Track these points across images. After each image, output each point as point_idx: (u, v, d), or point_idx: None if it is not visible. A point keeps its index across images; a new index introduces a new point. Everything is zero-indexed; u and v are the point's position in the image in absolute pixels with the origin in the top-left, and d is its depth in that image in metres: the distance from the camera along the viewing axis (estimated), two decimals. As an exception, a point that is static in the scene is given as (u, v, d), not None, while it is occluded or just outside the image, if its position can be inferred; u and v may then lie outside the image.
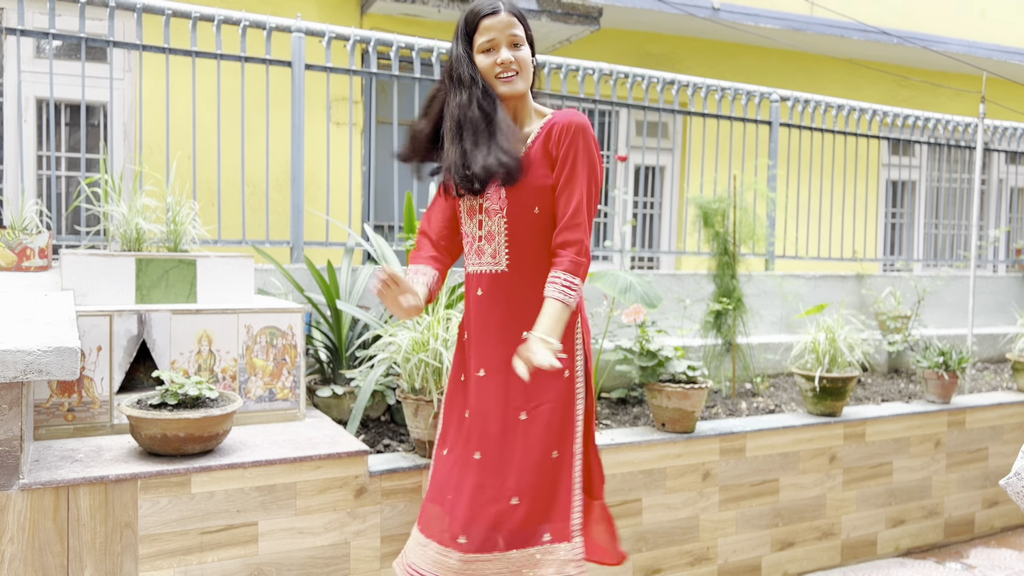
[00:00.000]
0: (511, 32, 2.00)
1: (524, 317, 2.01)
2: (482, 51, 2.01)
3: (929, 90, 7.88)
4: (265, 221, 4.18)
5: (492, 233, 2.04)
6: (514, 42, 2.01)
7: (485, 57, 2.00)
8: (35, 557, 1.94)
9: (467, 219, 2.09)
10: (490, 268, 2.05)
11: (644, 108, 4.68)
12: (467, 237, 2.11)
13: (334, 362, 3.18)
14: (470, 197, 2.05)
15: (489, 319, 2.06)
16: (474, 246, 2.08)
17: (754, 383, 3.97)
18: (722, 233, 3.84)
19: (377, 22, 5.68)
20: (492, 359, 2.04)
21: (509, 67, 1.99)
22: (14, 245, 3.05)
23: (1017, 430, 3.93)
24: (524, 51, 2.03)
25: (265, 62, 3.77)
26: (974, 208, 4.32)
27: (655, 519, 2.90)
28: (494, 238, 2.04)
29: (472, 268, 2.10)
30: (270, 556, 2.23)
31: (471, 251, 2.09)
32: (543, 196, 2.01)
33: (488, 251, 2.05)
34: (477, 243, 2.07)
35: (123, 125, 4.98)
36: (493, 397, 2.03)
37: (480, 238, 2.06)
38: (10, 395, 1.87)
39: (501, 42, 2.00)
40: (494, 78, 2.01)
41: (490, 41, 2.00)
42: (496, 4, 2.00)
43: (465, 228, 2.11)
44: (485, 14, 1.99)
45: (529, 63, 2.04)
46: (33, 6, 4.48)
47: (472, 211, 2.06)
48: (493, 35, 1.99)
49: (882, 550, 3.52)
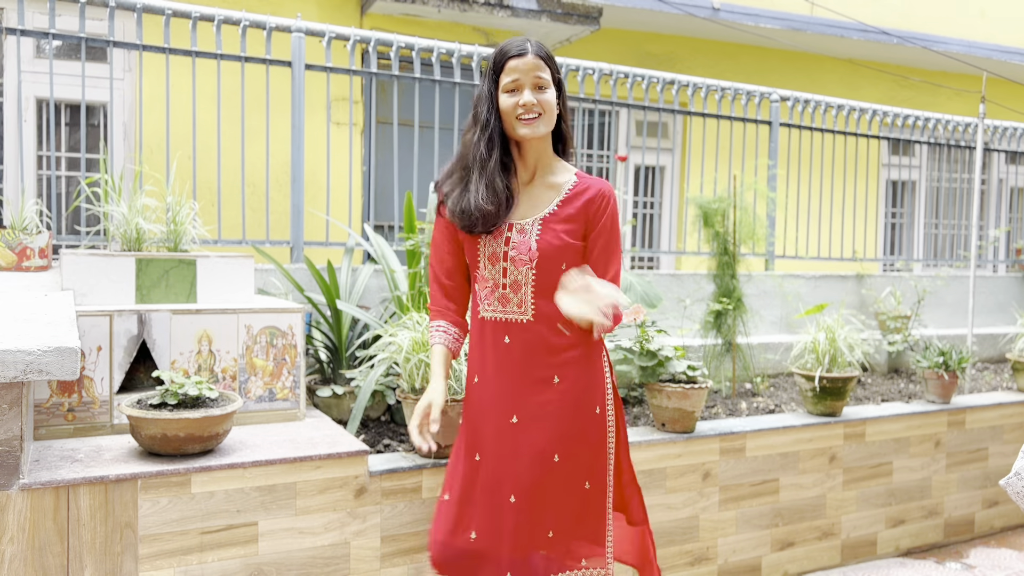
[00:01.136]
0: (536, 74, 2.01)
1: (550, 366, 2.04)
2: (507, 91, 2.01)
3: (929, 90, 7.88)
4: (265, 221, 4.18)
5: (519, 283, 2.03)
6: (539, 84, 2.01)
7: (508, 97, 2.01)
8: (35, 557, 1.94)
9: (488, 264, 2.06)
10: (516, 317, 2.04)
11: (644, 108, 4.68)
12: (486, 282, 2.07)
13: (334, 362, 3.18)
14: (493, 243, 2.04)
15: (517, 367, 2.05)
16: (496, 293, 2.05)
17: (754, 383, 3.97)
18: (722, 233, 3.84)
19: (377, 22, 5.68)
20: (526, 407, 2.05)
21: (531, 109, 2.00)
22: (14, 245, 3.05)
23: (1017, 430, 3.93)
24: (549, 94, 2.03)
25: (265, 62, 3.77)
26: (974, 208, 4.32)
27: (655, 519, 2.90)
28: (520, 288, 2.03)
29: (493, 315, 2.07)
30: (270, 556, 2.23)
31: (491, 297, 2.06)
32: (572, 254, 2.04)
33: (514, 300, 2.04)
34: (501, 291, 2.05)
35: (123, 125, 4.98)
36: (528, 442, 2.04)
37: (505, 286, 2.04)
38: (10, 395, 1.87)
39: (525, 84, 2.00)
40: (515, 119, 2.01)
41: (515, 82, 2.00)
42: (525, 45, 2.01)
43: (484, 272, 2.07)
44: (512, 55, 2.01)
45: (553, 106, 2.04)
46: (33, 6, 4.48)
47: (495, 257, 2.04)
48: (518, 76, 2.00)
49: (882, 550, 3.52)
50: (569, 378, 2.06)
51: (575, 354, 2.06)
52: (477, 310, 2.10)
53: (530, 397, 2.04)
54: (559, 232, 2.04)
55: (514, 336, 2.04)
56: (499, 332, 2.06)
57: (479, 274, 2.09)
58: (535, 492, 2.04)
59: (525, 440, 2.04)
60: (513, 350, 2.04)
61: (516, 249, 2.02)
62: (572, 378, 2.06)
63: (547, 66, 2.03)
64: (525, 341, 2.04)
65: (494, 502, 2.05)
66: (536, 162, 2.10)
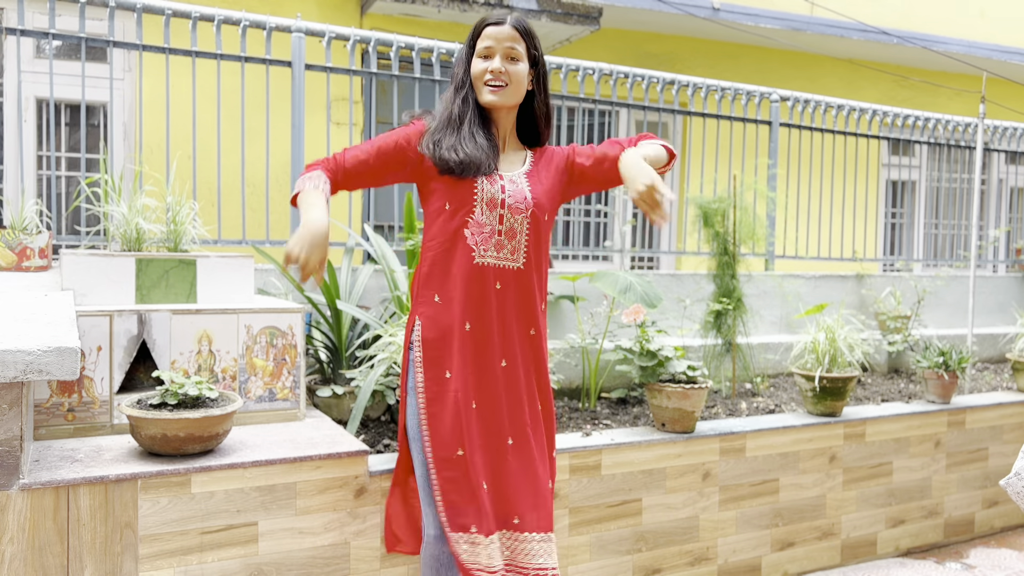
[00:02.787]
0: (509, 44, 2.08)
1: (532, 316, 2.16)
2: (479, 56, 2.09)
3: (929, 90, 7.88)
4: (265, 221, 4.18)
5: (514, 230, 2.11)
6: (511, 55, 2.08)
7: (480, 62, 2.09)
8: (35, 557, 1.94)
9: (485, 209, 2.08)
10: (509, 264, 2.11)
11: (644, 108, 4.68)
12: (481, 227, 2.08)
13: (334, 362, 3.18)
14: (491, 188, 2.09)
15: (509, 312, 2.13)
16: (493, 239, 2.09)
17: (754, 383, 3.97)
18: (722, 233, 3.84)
19: (377, 22, 5.68)
20: (514, 351, 2.14)
21: (499, 76, 2.07)
22: (14, 245, 3.05)
23: (1017, 430, 3.93)
24: (520, 67, 2.10)
25: (265, 62, 3.77)
26: (974, 208, 4.32)
27: (655, 519, 2.90)
28: (515, 236, 2.11)
29: (487, 261, 2.09)
30: (270, 556, 2.23)
31: (488, 243, 2.08)
32: (553, 207, 2.19)
33: (508, 247, 2.10)
34: (496, 236, 2.09)
35: (123, 125, 4.98)
36: (519, 387, 2.14)
37: (500, 232, 2.10)
38: (10, 395, 1.87)
39: (497, 51, 2.07)
40: (483, 83, 2.08)
41: (487, 48, 2.08)
42: (505, 16, 2.09)
43: (480, 218, 2.08)
44: (490, 23, 2.09)
45: (523, 79, 2.11)
46: (33, 6, 4.48)
47: (493, 203, 2.09)
48: (491, 43, 2.07)
49: (882, 550, 3.52)
50: (539, 334, 2.19)
51: (541, 315, 2.21)
52: (471, 256, 2.08)
53: (516, 343, 2.14)
54: (544, 185, 2.17)
55: (506, 282, 2.11)
56: (492, 278, 2.11)
57: (472, 219, 2.08)
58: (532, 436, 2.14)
59: (514, 383, 2.13)
60: (504, 296, 2.12)
61: (513, 197, 2.10)
62: (539, 335, 2.20)
63: (523, 40, 2.10)
64: (516, 288, 2.13)
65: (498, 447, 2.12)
66: (506, 132, 2.20)
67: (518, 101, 2.13)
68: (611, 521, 2.81)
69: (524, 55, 2.10)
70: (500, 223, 2.09)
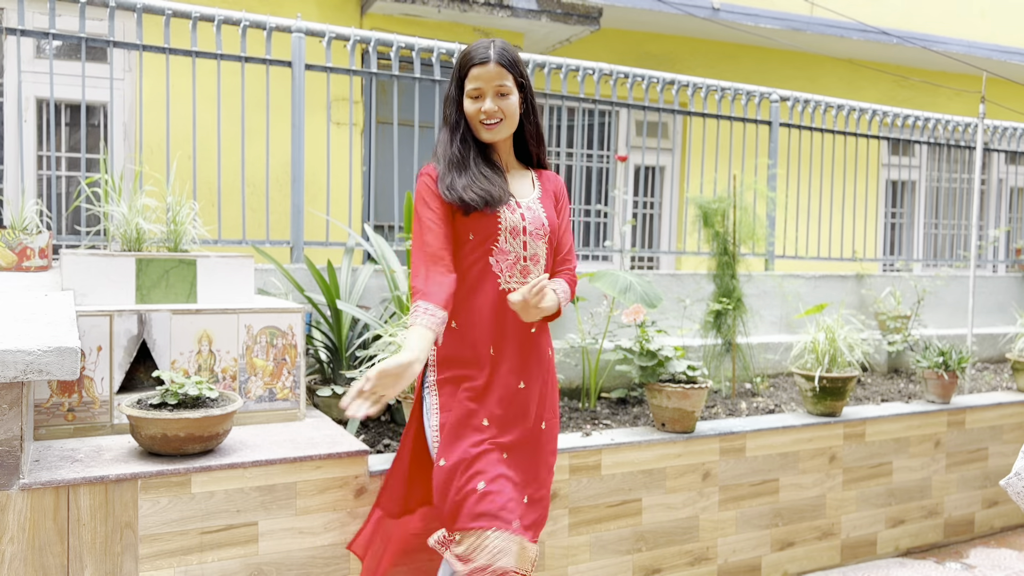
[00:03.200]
0: (498, 83, 2.09)
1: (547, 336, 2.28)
2: (470, 97, 2.12)
3: (929, 90, 7.88)
4: (265, 221, 4.18)
5: (537, 256, 2.18)
6: (501, 92, 2.10)
7: (472, 103, 2.12)
8: (35, 557, 1.94)
9: (509, 237, 2.13)
10: None
11: (644, 108, 4.68)
12: (506, 255, 2.14)
13: (334, 362, 3.18)
14: (512, 217, 2.14)
15: (527, 336, 2.19)
16: (519, 265, 2.16)
17: (754, 383, 3.97)
18: (722, 233, 3.84)
19: (377, 22, 5.68)
20: (531, 372, 2.20)
21: (493, 115, 2.11)
22: (14, 245, 3.05)
23: (1017, 430, 3.93)
24: (511, 99, 2.13)
25: (265, 62, 3.77)
26: (974, 208, 4.32)
27: (655, 519, 2.90)
28: (539, 260, 2.19)
29: (514, 287, 2.14)
30: (270, 556, 2.23)
31: (513, 269, 2.15)
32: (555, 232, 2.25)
33: (534, 272, 2.17)
34: (522, 263, 2.16)
35: (123, 125, 4.98)
36: (531, 407, 2.19)
37: (526, 259, 2.16)
38: (10, 395, 1.87)
39: (487, 92, 2.10)
40: (479, 123, 2.13)
41: (477, 89, 2.10)
42: (488, 53, 2.09)
43: (505, 246, 2.13)
44: (475, 64, 2.09)
45: (515, 110, 2.14)
46: (33, 6, 4.48)
47: (516, 231, 2.14)
48: (480, 84, 2.09)
49: (882, 550, 3.52)
50: (548, 354, 2.27)
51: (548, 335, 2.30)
52: (497, 283, 2.13)
53: (533, 365, 2.20)
54: (553, 211, 2.24)
55: None
56: None
57: (498, 247, 2.13)
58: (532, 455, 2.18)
59: (530, 404, 2.18)
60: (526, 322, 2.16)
61: (532, 223, 2.16)
62: (550, 355, 2.28)
63: (509, 73, 2.11)
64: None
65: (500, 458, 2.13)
66: (507, 158, 2.25)
67: (513, 130, 2.18)
68: (611, 521, 2.82)
69: (513, 87, 2.11)
70: (524, 249, 2.15)
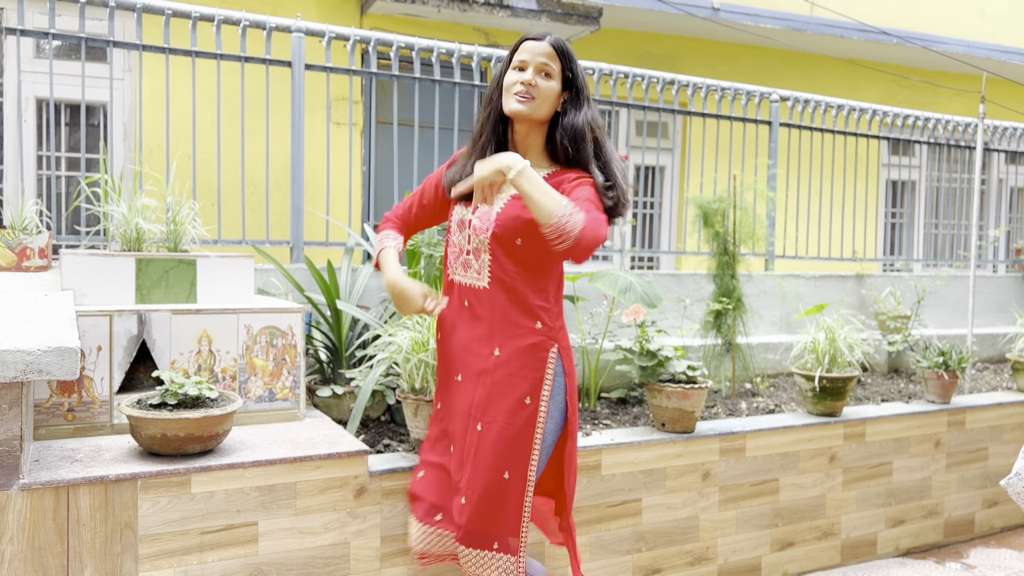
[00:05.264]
0: (543, 60, 2.10)
1: (495, 336, 2.10)
2: (514, 68, 2.13)
3: (929, 90, 7.88)
4: (265, 221, 4.18)
5: (479, 250, 2.13)
6: (544, 71, 2.11)
7: (514, 74, 2.12)
8: (35, 557, 1.94)
9: (456, 230, 2.20)
10: (474, 282, 2.15)
11: (644, 108, 4.68)
12: (454, 247, 2.21)
13: (334, 362, 3.18)
14: (462, 208, 2.18)
15: (473, 330, 2.16)
16: (461, 258, 2.18)
17: (754, 383, 3.97)
18: (722, 233, 3.84)
19: (377, 22, 5.68)
20: (469, 367, 2.16)
21: (529, 88, 2.08)
22: (14, 245, 3.05)
23: (1017, 430, 3.93)
24: (551, 84, 2.11)
25: (265, 62, 3.77)
26: (974, 208, 4.32)
27: (655, 519, 2.90)
28: (480, 255, 2.13)
29: (458, 278, 2.20)
30: (270, 556, 2.23)
31: (457, 261, 2.20)
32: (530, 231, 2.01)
33: (475, 266, 2.14)
34: (464, 256, 2.17)
35: (123, 125, 4.98)
36: (463, 402, 2.17)
37: (468, 252, 2.16)
38: (10, 395, 1.87)
39: (531, 65, 2.10)
40: (512, 94, 2.11)
41: (522, 61, 2.12)
42: (546, 34, 2.15)
43: (454, 238, 2.21)
44: (530, 38, 2.14)
45: (551, 97, 2.11)
46: (33, 6, 4.48)
47: (462, 224, 2.18)
48: (526, 56, 2.11)
49: (882, 550, 3.52)
50: (506, 356, 2.09)
51: (525, 340, 2.09)
52: (447, 272, 2.24)
53: (473, 360, 2.14)
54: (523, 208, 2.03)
55: (472, 300, 2.16)
56: (462, 295, 2.18)
57: (451, 238, 2.23)
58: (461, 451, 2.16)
59: (464, 399, 2.16)
60: (470, 314, 2.16)
61: (480, 219, 2.12)
62: (509, 357, 2.09)
63: (559, 59, 2.11)
64: (483, 307, 2.14)
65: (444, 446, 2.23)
66: (526, 150, 2.17)
67: (540, 118, 2.12)
68: (611, 521, 2.81)
69: (557, 74, 2.10)
70: (468, 242, 2.15)
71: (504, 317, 2.10)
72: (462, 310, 2.18)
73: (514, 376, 2.08)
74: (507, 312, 2.10)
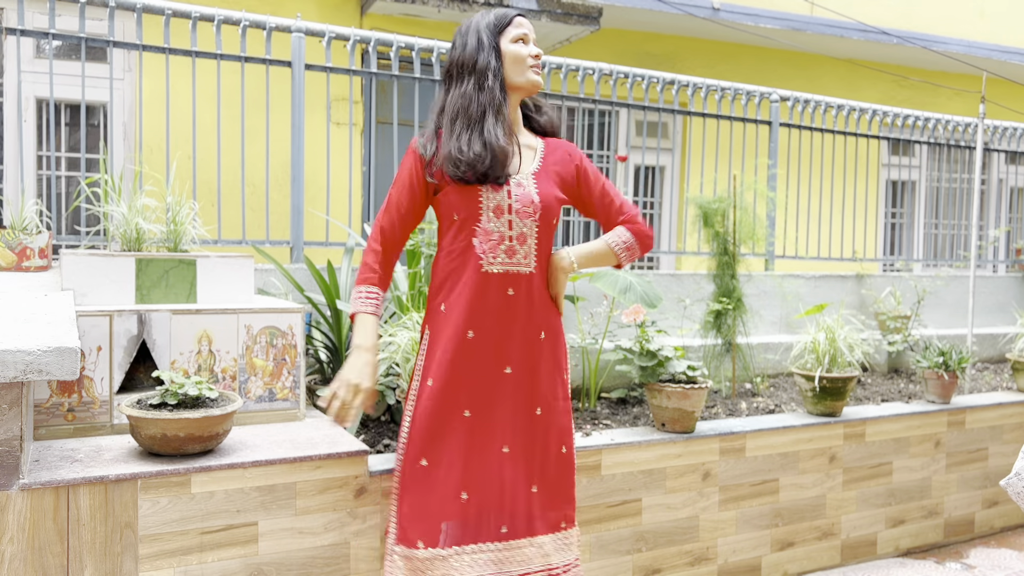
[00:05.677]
0: (533, 35, 2.19)
1: (542, 320, 2.19)
2: (514, 41, 2.14)
3: (929, 90, 7.88)
4: (265, 221, 4.18)
5: (524, 235, 2.12)
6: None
7: (518, 46, 2.13)
8: (35, 557, 1.94)
9: (492, 216, 2.09)
10: (521, 269, 2.13)
11: (644, 108, 4.68)
12: (489, 235, 2.10)
13: (334, 362, 3.18)
14: (496, 195, 2.09)
15: (516, 318, 2.14)
16: (503, 245, 2.11)
17: (754, 383, 3.97)
18: (722, 233, 3.84)
19: (377, 22, 5.68)
20: (517, 357, 2.14)
21: (540, 59, 2.15)
22: (14, 245, 3.05)
23: (1017, 430, 3.93)
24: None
25: (265, 62, 3.77)
26: (974, 208, 4.32)
27: (655, 519, 2.90)
28: (526, 240, 2.12)
29: (497, 268, 2.11)
30: (270, 556, 2.23)
31: (497, 249, 2.10)
32: (559, 210, 2.20)
33: (520, 252, 2.12)
34: (507, 243, 2.11)
35: (123, 125, 4.98)
36: (520, 393, 2.14)
37: (511, 238, 2.11)
38: (10, 395, 1.87)
39: (530, 39, 2.16)
40: (527, 67, 2.13)
41: (524, 35, 2.15)
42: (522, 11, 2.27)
43: (488, 225, 2.10)
44: (519, 14, 2.17)
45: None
46: (33, 6, 4.48)
47: (500, 210, 2.10)
48: (525, 31, 2.15)
49: (882, 550, 3.52)
50: (551, 336, 2.20)
51: (556, 318, 2.23)
52: (479, 264, 2.10)
53: (524, 348, 2.15)
54: (552, 187, 2.18)
55: (518, 288, 2.13)
56: (504, 284, 2.12)
57: (479, 227, 2.10)
58: (525, 442, 2.14)
59: (518, 390, 2.14)
60: (516, 302, 2.13)
61: (520, 201, 2.11)
62: (552, 337, 2.21)
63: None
64: (529, 293, 2.14)
65: (487, 455, 2.11)
66: (513, 121, 2.20)
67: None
68: (611, 521, 2.82)
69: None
70: (509, 228, 2.11)
71: (543, 299, 2.18)
72: (505, 299, 2.11)
73: (555, 353, 2.21)
74: (543, 293, 2.18)
